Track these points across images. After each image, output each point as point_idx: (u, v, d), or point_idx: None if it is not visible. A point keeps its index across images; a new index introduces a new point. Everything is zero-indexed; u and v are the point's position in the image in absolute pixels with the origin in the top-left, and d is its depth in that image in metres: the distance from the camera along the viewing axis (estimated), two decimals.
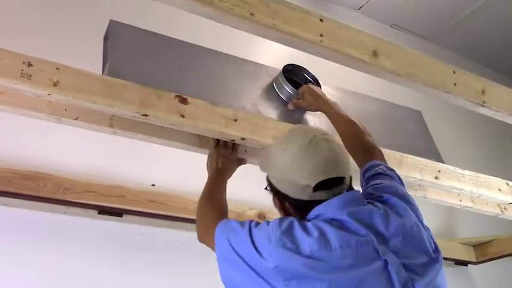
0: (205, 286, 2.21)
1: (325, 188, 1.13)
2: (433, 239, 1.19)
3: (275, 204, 1.25)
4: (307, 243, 1.05)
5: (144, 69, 1.58)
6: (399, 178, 1.38)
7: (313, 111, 1.80)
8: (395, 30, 3.93)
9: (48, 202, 2.05)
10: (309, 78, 1.92)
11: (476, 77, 1.90)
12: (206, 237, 1.31)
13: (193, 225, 2.30)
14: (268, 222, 1.13)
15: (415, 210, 1.22)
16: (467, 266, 3.28)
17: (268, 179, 1.25)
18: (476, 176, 2.11)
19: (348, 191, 1.17)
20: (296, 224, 1.10)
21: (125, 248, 2.24)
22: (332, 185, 1.14)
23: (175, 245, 2.35)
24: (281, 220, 1.12)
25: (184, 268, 2.31)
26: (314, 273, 1.02)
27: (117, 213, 2.20)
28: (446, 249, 3.11)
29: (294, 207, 1.18)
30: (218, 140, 1.69)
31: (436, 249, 1.17)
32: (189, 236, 2.37)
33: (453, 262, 3.20)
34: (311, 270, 1.02)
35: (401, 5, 3.71)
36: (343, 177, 1.15)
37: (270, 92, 1.85)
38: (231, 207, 1.56)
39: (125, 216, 2.23)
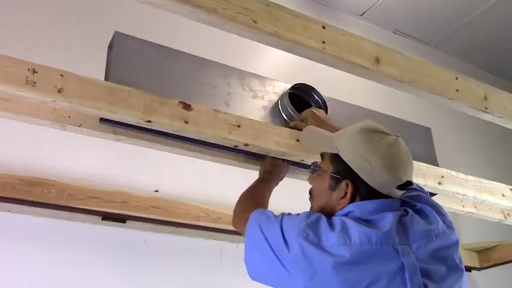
0: None
1: (403, 188, 1.18)
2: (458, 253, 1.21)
3: (318, 183, 1.26)
4: (329, 237, 1.08)
5: (145, 81, 1.57)
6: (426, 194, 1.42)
7: None
8: (398, 36, 3.94)
9: (52, 208, 2.06)
10: (317, 98, 1.85)
11: (478, 83, 1.90)
12: (239, 221, 1.36)
13: (196, 231, 2.34)
14: (298, 214, 1.17)
15: (447, 222, 1.24)
16: (470, 272, 3.26)
17: (331, 158, 1.24)
18: (479, 181, 2.09)
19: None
20: (323, 219, 1.13)
21: (128, 253, 2.24)
22: (405, 187, 1.18)
23: (178, 251, 2.35)
24: (310, 213, 1.17)
25: (187, 274, 2.31)
26: (330, 268, 1.04)
27: (120, 219, 2.21)
28: None
29: (356, 192, 1.17)
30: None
31: (460, 262, 1.18)
32: (192, 241, 2.38)
33: None
34: (327, 265, 1.05)
35: (404, 11, 3.72)
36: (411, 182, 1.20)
37: (274, 112, 1.79)
38: None
39: (129, 222, 2.23)
